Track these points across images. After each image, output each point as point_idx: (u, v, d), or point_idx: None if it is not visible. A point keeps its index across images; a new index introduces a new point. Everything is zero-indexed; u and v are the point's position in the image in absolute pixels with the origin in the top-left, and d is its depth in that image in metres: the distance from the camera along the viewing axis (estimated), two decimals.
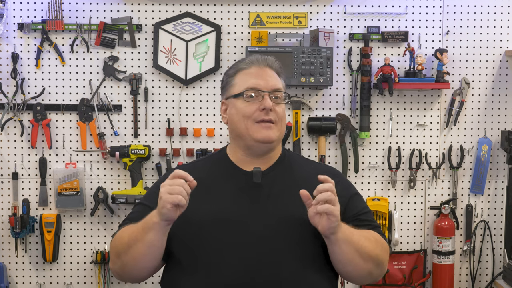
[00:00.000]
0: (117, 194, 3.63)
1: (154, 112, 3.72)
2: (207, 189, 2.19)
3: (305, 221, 2.09)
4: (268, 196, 2.18)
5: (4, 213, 3.71)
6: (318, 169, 2.30)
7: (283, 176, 2.24)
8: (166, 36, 3.67)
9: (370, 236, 2.18)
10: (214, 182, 2.22)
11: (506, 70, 3.77)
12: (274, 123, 2.20)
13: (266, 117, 2.19)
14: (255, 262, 2.09)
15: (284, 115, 2.25)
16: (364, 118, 3.71)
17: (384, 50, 3.72)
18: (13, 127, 3.70)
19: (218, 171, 2.26)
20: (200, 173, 2.20)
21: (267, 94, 2.20)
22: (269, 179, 2.21)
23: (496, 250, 3.82)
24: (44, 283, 3.75)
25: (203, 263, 2.11)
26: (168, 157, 3.69)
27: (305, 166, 2.34)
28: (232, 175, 2.23)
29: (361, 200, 2.33)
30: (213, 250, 2.11)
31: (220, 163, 2.28)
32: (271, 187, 2.20)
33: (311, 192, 2.04)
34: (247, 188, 2.19)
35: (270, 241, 2.11)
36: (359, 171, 3.75)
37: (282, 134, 2.25)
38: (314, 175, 2.12)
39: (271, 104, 2.19)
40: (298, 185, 2.14)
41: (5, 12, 3.61)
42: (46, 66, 3.68)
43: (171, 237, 2.12)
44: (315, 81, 3.57)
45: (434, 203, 3.79)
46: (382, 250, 2.19)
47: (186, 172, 2.01)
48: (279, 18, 3.70)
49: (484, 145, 3.76)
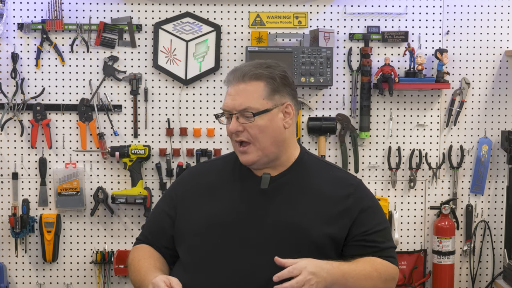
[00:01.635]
0: (117, 194, 3.63)
1: (154, 112, 3.72)
2: (212, 191, 2.22)
3: (304, 230, 2.11)
4: (271, 202, 2.16)
5: (4, 213, 3.71)
6: (334, 174, 2.26)
7: (291, 182, 2.20)
8: (166, 36, 3.67)
9: (371, 271, 2.13)
10: (224, 184, 2.23)
11: (506, 70, 3.77)
12: (250, 143, 2.15)
13: (237, 138, 2.16)
14: (248, 268, 2.09)
15: (265, 129, 2.14)
16: (364, 118, 3.70)
17: (384, 50, 3.72)
18: (13, 127, 3.69)
19: (232, 172, 2.25)
20: (212, 175, 2.25)
21: (234, 116, 2.14)
22: (276, 185, 2.19)
23: (496, 250, 3.82)
24: (44, 283, 3.75)
25: (199, 264, 2.13)
26: (168, 157, 3.69)
27: (322, 172, 2.26)
28: (244, 179, 2.22)
29: (373, 216, 2.22)
30: (207, 252, 2.13)
31: (236, 164, 2.25)
32: (276, 194, 2.18)
33: (318, 194, 2.14)
34: (252, 193, 2.18)
35: (263, 248, 2.10)
36: (359, 171, 3.75)
37: (267, 151, 2.15)
38: (328, 181, 2.16)
39: (235, 127, 2.14)
40: (305, 192, 2.16)
41: (5, 12, 3.61)
42: (46, 66, 3.68)
43: (177, 238, 2.21)
44: (315, 81, 3.56)
45: (434, 203, 3.78)
46: (382, 279, 2.16)
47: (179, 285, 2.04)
48: (279, 18, 3.69)
49: (484, 145, 3.76)
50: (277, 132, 2.17)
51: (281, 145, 2.19)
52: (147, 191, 3.64)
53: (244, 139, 2.15)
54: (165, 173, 3.69)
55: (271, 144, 2.16)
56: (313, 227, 2.14)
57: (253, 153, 2.15)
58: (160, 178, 3.69)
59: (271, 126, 2.15)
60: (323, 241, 2.14)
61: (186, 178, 2.33)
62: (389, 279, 2.19)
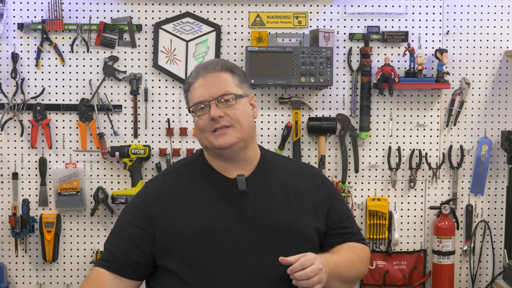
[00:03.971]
0: (117, 194, 3.63)
1: (154, 112, 3.72)
2: (193, 199, 2.17)
3: (295, 227, 2.14)
4: (254, 203, 2.16)
5: (4, 213, 3.71)
6: (298, 168, 2.32)
7: (266, 181, 2.21)
8: (166, 36, 3.67)
9: (354, 257, 2.25)
10: (200, 190, 2.19)
11: (506, 70, 3.77)
12: (231, 127, 2.15)
13: (218, 125, 2.15)
14: (244, 270, 2.09)
15: (243, 114, 2.17)
16: (364, 118, 3.71)
17: (384, 50, 3.72)
18: (13, 127, 3.70)
19: (201, 178, 2.22)
20: (181, 183, 2.20)
21: (214, 102, 2.15)
22: (252, 185, 2.19)
23: (496, 250, 3.82)
24: (44, 283, 3.75)
25: (195, 274, 2.10)
26: (168, 157, 3.69)
27: (286, 166, 2.31)
28: (217, 183, 2.20)
29: (342, 202, 2.34)
30: (202, 261, 2.10)
31: (202, 170, 2.23)
32: (256, 194, 2.18)
33: (293, 190, 2.18)
34: (233, 196, 2.17)
35: (258, 250, 2.11)
36: (359, 171, 3.75)
37: (245, 135, 2.17)
38: (296, 176, 2.23)
39: (217, 112, 2.13)
40: (282, 189, 2.20)
41: (5, 12, 3.61)
42: (46, 66, 3.68)
43: (163, 252, 2.13)
44: (315, 81, 3.56)
45: (434, 203, 3.78)
46: (364, 263, 2.30)
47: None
48: (279, 18, 3.70)
49: (484, 145, 3.76)
50: (251, 119, 2.21)
51: (252, 134, 2.22)
52: None
53: (226, 124, 2.14)
54: None
55: (249, 129, 2.19)
56: (302, 223, 2.17)
57: (232, 135, 2.15)
58: None
59: (247, 112, 2.19)
60: (313, 234, 2.20)
61: (155, 191, 2.22)
62: (366, 260, 2.32)
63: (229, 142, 2.14)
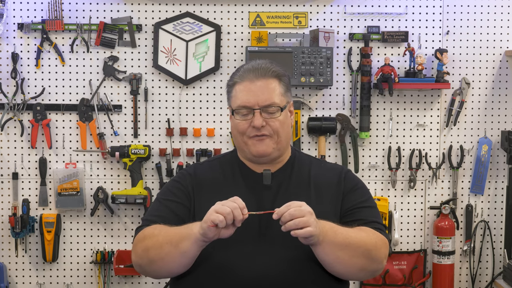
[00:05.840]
0: (117, 194, 3.63)
1: (154, 112, 3.72)
2: (218, 188, 2.24)
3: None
4: (276, 198, 2.20)
5: (4, 213, 3.71)
6: (326, 168, 2.34)
7: (291, 178, 2.27)
8: (166, 36, 3.67)
9: (359, 232, 2.14)
10: (227, 182, 2.26)
11: (506, 70, 3.77)
12: (270, 136, 2.20)
13: (259, 133, 2.20)
14: (259, 260, 2.11)
15: (283, 125, 2.22)
16: (364, 118, 3.71)
17: (384, 50, 3.72)
18: (13, 127, 3.70)
19: (230, 171, 2.29)
20: (214, 173, 2.28)
21: (258, 111, 2.19)
22: (277, 180, 2.25)
23: (496, 250, 3.82)
24: (44, 283, 3.75)
25: (211, 259, 2.13)
26: (168, 157, 3.69)
27: (315, 165, 2.34)
28: (244, 176, 2.27)
29: (361, 194, 2.29)
30: (217, 251, 2.13)
31: (233, 164, 2.31)
32: (279, 189, 2.24)
33: (315, 183, 2.21)
34: (257, 189, 2.23)
35: (273, 240, 2.13)
36: (359, 171, 3.75)
37: (281, 145, 2.24)
38: (321, 172, 2.26)
39: (261, 122, 2.18)
40: (306, 186, 2.23)
41: (5, 12, 3.61)
42: (46, 66, 3.68)
43: None
44: (315, 81, 3.57)
45: (434, 203, 3.79)
46: (375, 244, 2.15)
47: (243, 203, 2.01)
48: (279, 18, 3.70)
49: (484, 145, 3.76)
50: (289, 128, 2.28)
51: (288, 143, 2.29)
52: (147, 191, 3.64)
53: (266, 133, 2.20)
54: (165, 173, 3.70)
55: (285, 139, 2.25)
56: (318, 212, 2.13)
57: (269, 145, 2.21)
58: (160, 178, 3.69)
59: (286, 122, 2.25)
60: None
61: (190, 175, 2.30)
62: (380, 243, 2.17)
63: (265, 152, 2.22)
